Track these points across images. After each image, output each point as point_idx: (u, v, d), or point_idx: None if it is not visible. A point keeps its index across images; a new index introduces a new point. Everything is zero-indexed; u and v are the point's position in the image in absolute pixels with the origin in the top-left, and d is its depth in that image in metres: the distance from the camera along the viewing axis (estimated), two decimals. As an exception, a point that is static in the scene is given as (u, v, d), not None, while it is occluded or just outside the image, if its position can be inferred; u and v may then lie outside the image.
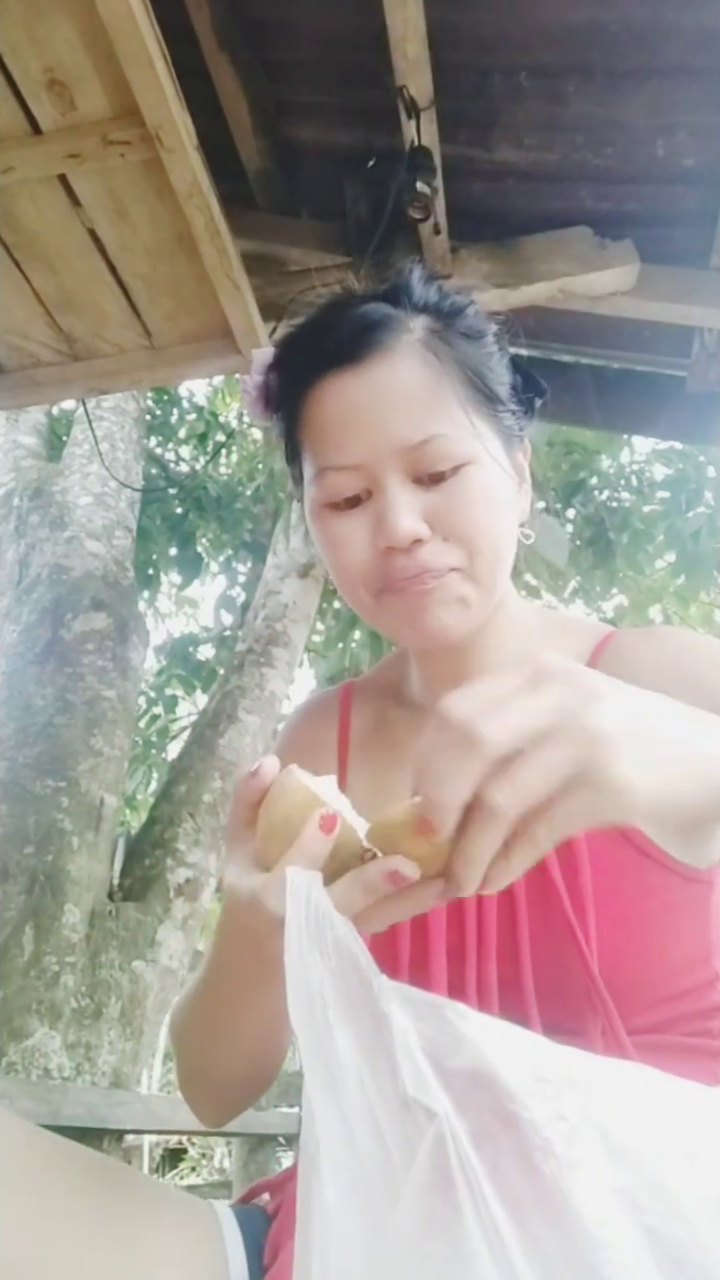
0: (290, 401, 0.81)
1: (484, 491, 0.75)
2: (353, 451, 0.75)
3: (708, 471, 4.96)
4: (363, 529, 0.76)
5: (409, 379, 0.75)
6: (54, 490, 4.23)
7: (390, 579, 0.75)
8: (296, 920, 0.49)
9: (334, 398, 0.76)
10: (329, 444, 0.76)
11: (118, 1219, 0.63)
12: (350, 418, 0.75)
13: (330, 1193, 0.43)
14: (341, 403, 0.76)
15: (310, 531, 0.82)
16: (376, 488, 0.75)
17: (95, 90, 1.55)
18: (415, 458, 0.74)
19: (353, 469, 0.75)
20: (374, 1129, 0.45)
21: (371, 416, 0.74)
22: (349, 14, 1.89)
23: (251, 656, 4.18)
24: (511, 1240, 0.41)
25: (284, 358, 0.83)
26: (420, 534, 0.73)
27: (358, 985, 0.48)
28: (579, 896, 0.71)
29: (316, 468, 0.78)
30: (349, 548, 0.76)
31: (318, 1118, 0.45)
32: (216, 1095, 0.81)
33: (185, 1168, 7.56)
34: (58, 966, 2.95)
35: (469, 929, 0.74)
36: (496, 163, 2.12)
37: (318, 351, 0.78)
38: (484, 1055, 0.45)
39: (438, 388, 0.75)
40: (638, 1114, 0.46)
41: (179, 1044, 0.79)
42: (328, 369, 0.77)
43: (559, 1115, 0.44)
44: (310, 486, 0.79)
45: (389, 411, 0.74)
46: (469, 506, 0.74)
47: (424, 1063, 0.45)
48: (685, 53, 1.80)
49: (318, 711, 0.97)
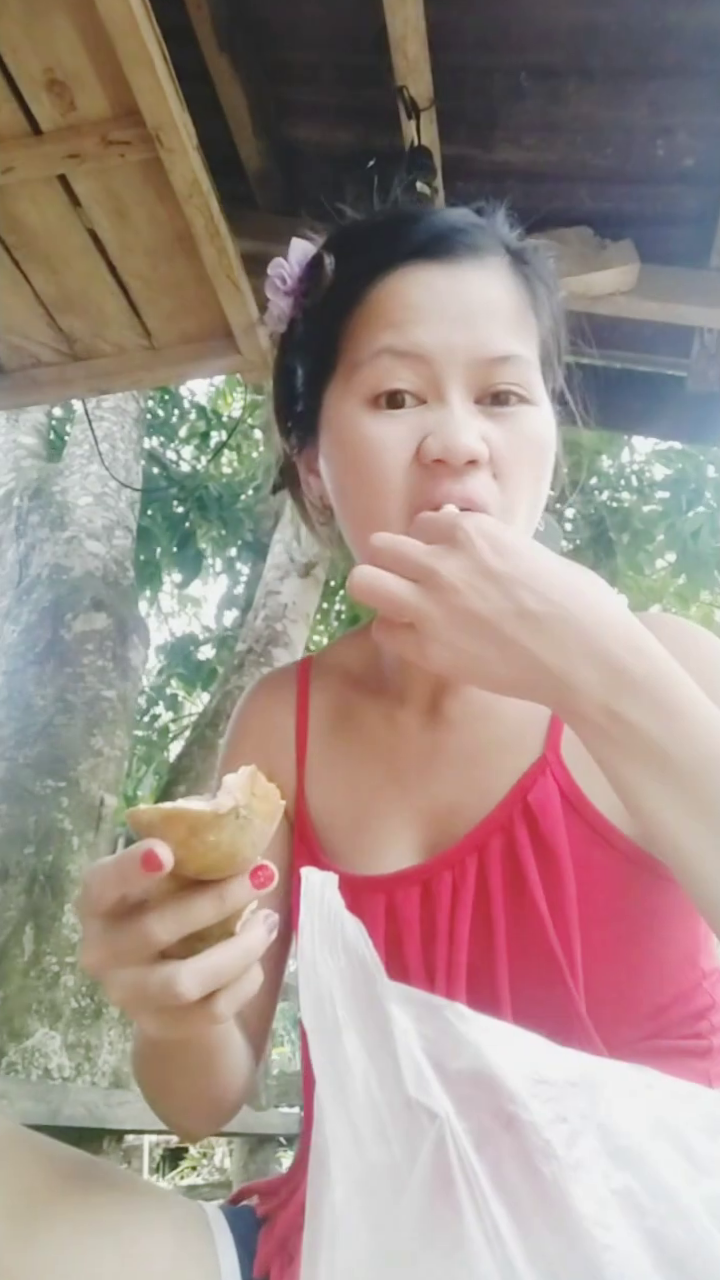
0: (350, 289, 0.71)
1: (541, 439, 0.70)
2: (426, 339, 0.66)
3: (708, 471, 4.96)
4: (408, 434, 0.66)
5: (501, 292, 0.69)
6: (54, 490, 4.23)
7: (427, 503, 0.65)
8: (310, 921, 0.49)
9: (413, 287, 0.68)
10: (395, 327, 0.67)
11: (108, 1220, 0.63)
12: (430, 307, 0.67)
13: (337, 1194, 0.43)
14: (422, 292, 0.67)
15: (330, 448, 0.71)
16: (436, 394, 0.66)
17: (95, 90, 1.54)
18: (488, 373, 0.67)
19: (416, 359, 0.66)
20: (379, 1129, 0.45)
21: (455, 311, 0.67)
22: (349, 14, 1.89)
23: (251, 656, 4.18)
24: (512, 1241, 0.41)
25: (354, 242, 0.74)
26: (480, 454, 0.65)
27: (364, 986, 0.48)
28: (564, 920, 0.67)
29: (370, 351, 0.67)
30: (387, 451, 0.66)
31: (327, 1119, 0.45)
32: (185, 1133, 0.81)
33: (185, 1167, 7.55)
34: (58, 966, 2.95)
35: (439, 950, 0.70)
36: (496, 163, 2.11)
37: (404, 240, 0.70)
38: (485, 1057, 0.45)
39: (524, 315, 0.70)
40: (638, 1115, 0.46)
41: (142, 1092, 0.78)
42: (412, 259, 0.69)
43: (560, 1117, 0.44)
44: (350, 378, 0.69)
45: (475, 313, 0.67)
46: (528, 447, 0.68)
47: (425, 1064, 0.45)
48: (685, 53, 1.80)
49: (273, 693, 0.88)
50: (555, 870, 0.68)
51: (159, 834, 0.47)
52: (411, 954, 0.71)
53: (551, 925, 0.67)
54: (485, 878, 0.70)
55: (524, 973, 0.68)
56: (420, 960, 0.71)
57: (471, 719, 0.78)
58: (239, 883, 0.49)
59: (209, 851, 0.47)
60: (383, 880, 0.74)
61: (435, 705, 0.79)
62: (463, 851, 0.72)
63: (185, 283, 1.88)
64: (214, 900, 0.48)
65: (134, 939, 0.48)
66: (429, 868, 0.73)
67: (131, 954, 0.49)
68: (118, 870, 0.48)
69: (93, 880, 0.49)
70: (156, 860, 0.46)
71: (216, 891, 0.48)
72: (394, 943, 0.72)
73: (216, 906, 0.48)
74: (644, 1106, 0.46)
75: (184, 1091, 0.73)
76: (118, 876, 0.48)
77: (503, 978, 0.68)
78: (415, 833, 0.76)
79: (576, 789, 0.71)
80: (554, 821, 0.69)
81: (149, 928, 0.48)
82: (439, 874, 0.72)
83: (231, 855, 0.48)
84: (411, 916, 0.72)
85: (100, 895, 0.49)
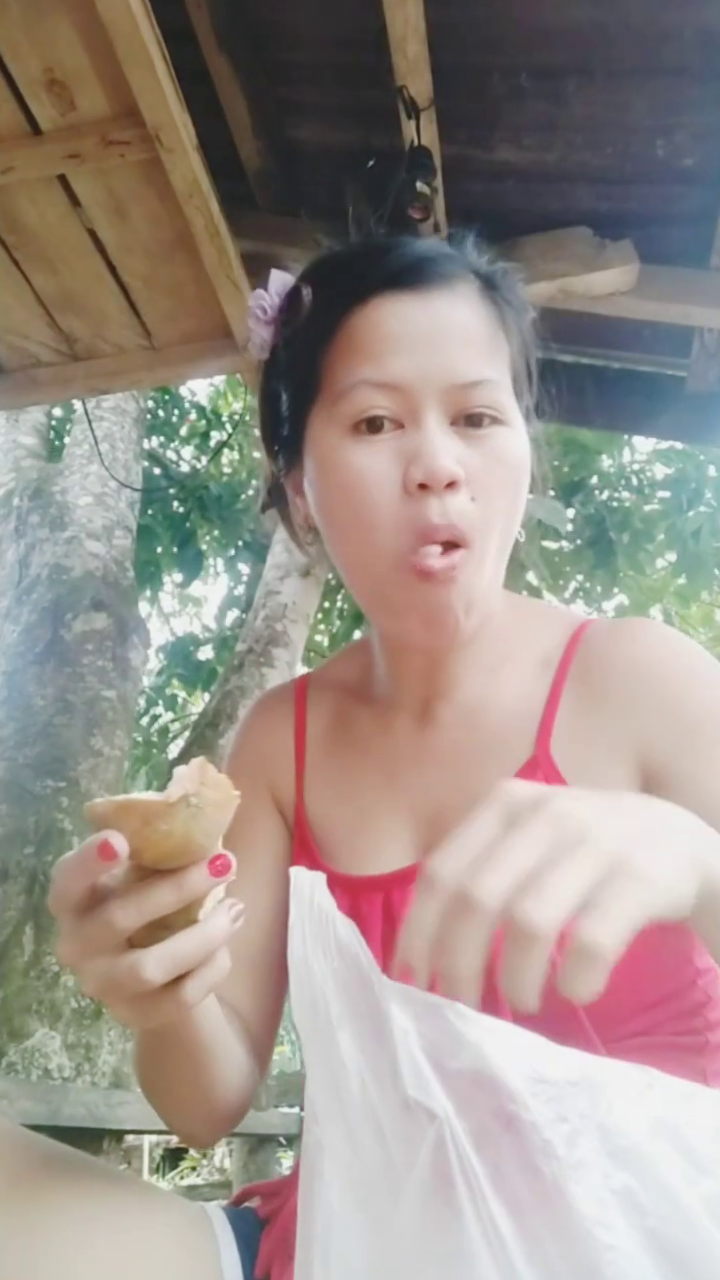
0: (327, 319, 0.74)
1: (515, 458, 0.72)
2: (401, 370, 0.69)
3: (708, 471, 4.96)
4: (390, 463, 0.69)
5: (471, 318, 0.72)
6: (54, 490, 4.23)
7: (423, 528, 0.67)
8: (300, 921, 0.49)
9: (387, 316, 0.70)
10: (371, 358, 0.70)
11: (110, 1222, 0.63)
12: (403, 336, 0.69)
13: (333, 1194, 0.43)
14: (395, 321, 0.70)
15: (315, 474, 0.74)
16: (413, 419, 0.69)
17: (95, 90, 1.55)
18: (461, 397, 0.69)
19: (392, 388, 0.69)
20: (376, 1130, 0.45)
21: (427, 339, 0.69)
22: (349, 14, 1.89)
23: (251, 657, 4.17)
24: (512, 1241, 0.41)
25: (330, 273, 0.77)
26: (458, 476, 0.67)
27: (359, 986, 0.48)
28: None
29: (348, 382, 0.70)
30: (374, 484, 0.69)
31: (321, 1120, 0.45)
32: (188, 1136, 0.81)
33: (185, 1167, 7.55)
34: (58, 966, 2.95)
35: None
36: (496, 163, 2.11)
37: (375, 270, 0.73)
38: (485, 1056, 0.45)
39: (494, 339, 0.72)
40: (638, 1115, 0.46)
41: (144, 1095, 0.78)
42: (385, 288, 0.71)
43: (560, 1116, 0.44)
44: (330, 407, 0.72)
45: (447, 341, 0.69)
46: (500, 466, 0.70)
47: (425, 1064, 0.45)
48: (685, 53, 1.80)
49: (271, 710, 0.91)
50: None
51: (114, 824, 0.49)
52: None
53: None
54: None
55: None
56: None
57: (463, 721, 0.79)
58: (197, 870, 0.51)
59: (162, 840, 0.49)
60: (380, 880, 0.76)
61: (427, 709, 0.81)
62: None
63: (185, 283, 1.88)
64: (173, 888, 0.50)
65: (99, 927, 0.50)
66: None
67: (99, 943, 0.51)
68: (80, 861, 0.50)
69: (59, 874, 0.51)
70: (111, 849, 0.48)
71: (175, 880, 0.50)
72: (392, 939, 0.73)
73: (175, 893, 0.50)
74: (644, 1106, 0.46)
75: (182, 1094, 0.74)
76: (80, 867, 0.50)
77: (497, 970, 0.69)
78: (411, 833, 0.78)
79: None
80: None
81: (112, 915, 0.50)
82: None
83: (185, 843, 0.50)
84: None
85: (68, 888, 0.51)
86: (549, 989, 0.67)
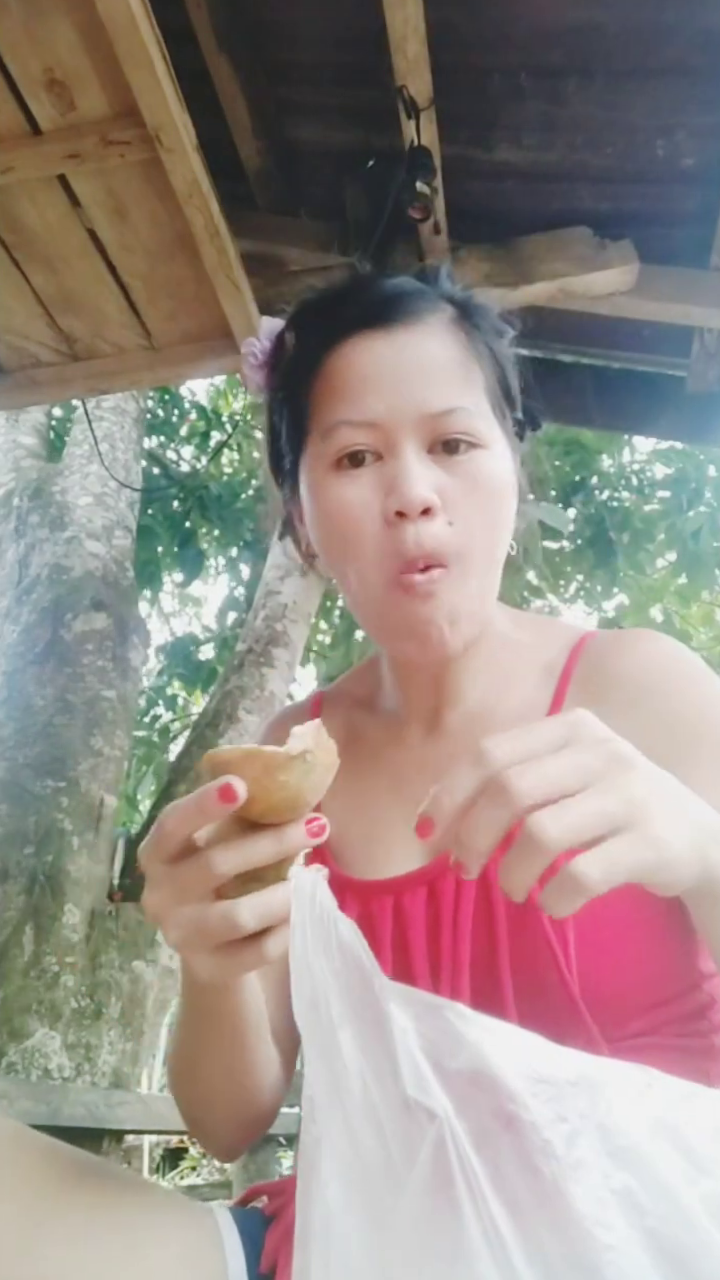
0: (308, 361, 0.78)
1: (494, 480, 0.74)
2: (373, 407, 0.73)
3: (708, 471, 4.97)
4: (371, 494, 0.73)
5: (439, 350, 0.75)
6: (54, 490, 4.24)
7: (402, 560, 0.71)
8: (301, 920, 0.49)
9: (360, 356, 0.75)
10: (348, 399, 0.74)
11: (115, 1221, 0.63)
12: (375, 376, 0.73)
13: (332, 1192, 0.43)
14: (367, 361, 0.74)
15: (309, 506, 0.78)
16: (390, 451, 0.73)
17: (95, 90, 1.55)
18: (435, 425, 0.72)
19: (369, 426, 0.73)
20: (376, 1129, 0.45)
21: (397, 376, 0.73)
22: (349, 14, 1.89)
23: (251, 657, 4.17)
24: (512, 1241, 0.41)
25: (307, 318, 0.81)
26: (433, 502, 0.71)
27: (360, 985, 0.48)
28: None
29: (329, 423, 0.75)
30: (356, 515, 0.73)
31: (319, 1118, 0.45)
32: (214, 1139, 0.81)
33: (185, 1167, 7.55)
34: (58, 967, 2.96)
35: (444, 944, 0.73)
36: (496, 163, 2.12)
37: (347, 312, 0.77)
38: (484, 1056, 0.45)
39: (466, 366, 0.75)
40: (638, 1115, 0.46)
41: (173, 1093, 0.79)
42: (357, 329, 0.75)
43: (559, 1116, 0.44)
44: (317, 445, 0.76)
45: (416, 375, 0.73)
46: (478, 490, 0.73)
47: (424, 1063, 0.45)
48: (685, 53, 1.80)
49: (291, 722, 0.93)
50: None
51: (236, 771, 0.51)
52: (417, 949, 0.74)
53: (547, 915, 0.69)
54: (485, 874, 0.73)
55: (523, 962, 0.70)
56: (425, 954, 0.74)
57: (470, 730, 0.82)
58: (296, 827, 0.54)
59: (277, 791, 0.52)
60: (391, 883, 0.77)
61: (436, 720, 0.84)
62: None
63: (185, 283, 1.88)
64: (273, 840, 0.54)
65: (198, 870, 0.53)
66: (433, 868, 0.76)
67: (193, 888, 0.54)
68: (197, 803, 0.52)
69: (167, 818, 0.54)
70: (232, 792, 0.51)
71: (276, 833, 0.54)
72: (401, 939, 0.75)
73: (275, 846, 0.54)
74: (644, 1106, 0.46)
75: (218, 1084, 0.74)
76: (196, 809, 0.52)
77: (504, 968, 0.70)
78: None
79: None
80: None
81: (212, 859, 0.53)
82: (443, 874, 0.75)
83: (295, 797, 0.53)
84: (418, 914, 0.75)
85: (175, 830, 0.54)
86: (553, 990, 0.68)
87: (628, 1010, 0.70)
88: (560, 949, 0.69)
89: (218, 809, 0.51)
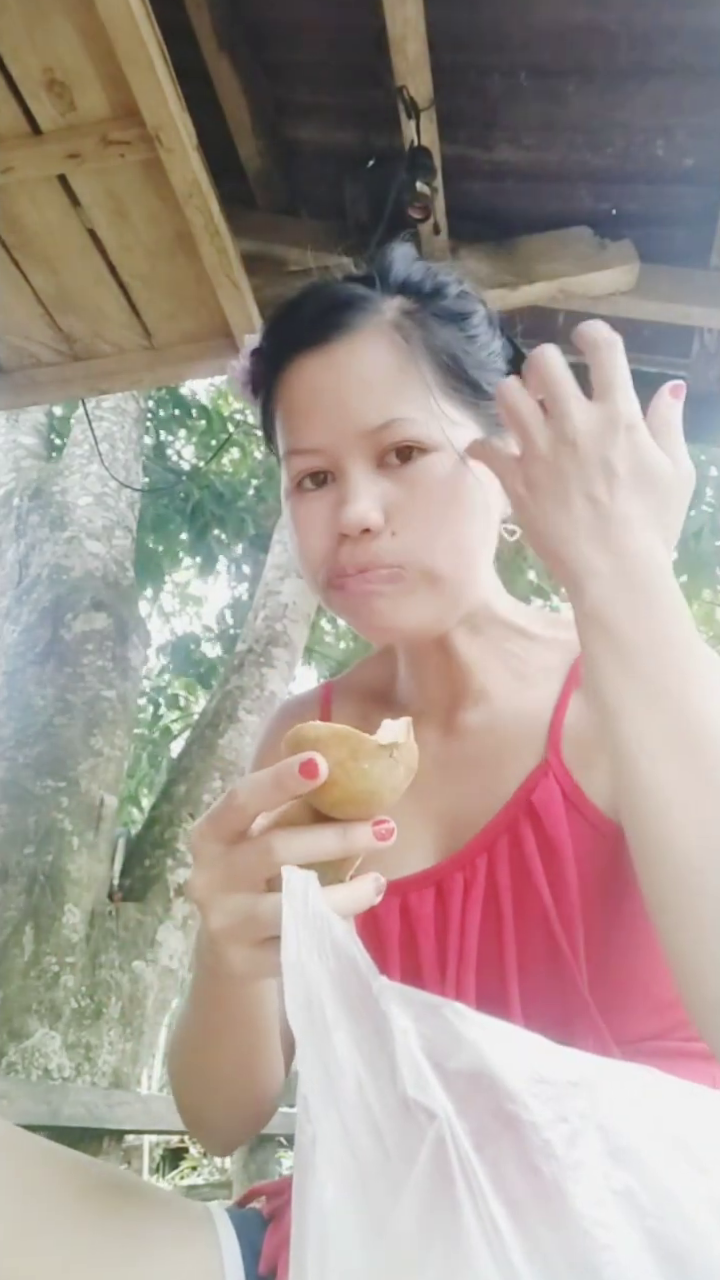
0: (266, 386, 0.80)
1: (446, 483, 0.73)
2: (314, 434, 0.74)
3: (708, 471, 4.96)
4: (324, 512, 0.74)
5: (373, 361, 0.74)
6: (54, 490, 4.24)
7: (336, 569, 0.73)
8: (294, 921, 0.49)
9: (300, 380, 0.75)
10: (294, 427, 0.76)
11: (112, 1222, 0.63)
12: (313, 400, 0.74)
13: (329, 1193, 0.43)
14: (306, 385, 0.75)
15: (286, 518, 0.81)
16: (338, 471, 0.74)
17: (95, 90, 1.55)
18: (377, 439, 0.72)
19: (315, 452, 0.74)
20: (373, 1129, 0.45)
21: (333, 398, 0.73)
22: (349, 14, 1.89)
23: (251, 656, 4.18)
24: (512, 1241, 0.41)
25: (264, 339, 0.82)
26: (370, 523, 0.71)
27: (356, 986, 0.48)
28: (567, 913, 0.70)
29: (284, 450, 0.77)
30: (309, 531, 0.75)
31: (313, 1118, 0.45)
32: (213, 1134, 0.81)
33: (186, 1167, 7.56)
34: (58, 967, 2.96)
35: (451, 944, 0.73)
36: (496, 162, 2.12)
37: (288, 334, 0.78)
38: (484, 1056, 0.45)
39: (403, 371, 0.74)
40: (639, 1115, 0.46)
41: (173, 1085, 0.78)
42: (296, 351, 0.76)
43: (560, 1116, 0.44)
44: (285, 464, 0.78)
45: (349, 394, 0.73)
46: (427, 498, 0.72)
47: (424, 1063, 0.45)
48: (685, 53, 1.80)
49: (296, 716, 0.93)
50: (558, 864, 0.71)
51: (322, 749, 0.49)
52: (426, 948, 0.75)
53: (555, 914, 0.70)
54: (494, 874, 0.74)
55: (530, 961, 0.71)
56: (434, 953, 0.75)
57: (481, 728, 0.82)
58: (364, 826, 0.51)
59: (360, 779, 0.49)
60: (399, 883, 0.77)
61: (450, 717, 0.83)
62: (473, 851, 0.76)
63: (185, 283, 1.88)
64: (338, 836, 0.51)
65: (256, 855, 0.50)
66: (442, 869, 0.77)
67: (245, 875, 0.51)
68: (273, 778, 0.50)
69: (238, 791, 0.51)
70: (315, 768, 0.48)
71: (341, 829, 0.51)
72: (409, 939, 0.76)
73: (339, 842, 0.51)
74: (645, 1106, 0.46)
75: (226, 1075, 0.73)
76: (272, 783, 0.50)
77: (511, 966, 0.71)
78: (430, 837, 0.80)
79: (577, 789, 0.74)
80: (557, 820, 0.73)
81: (273, 844, 0.50)
82: (451, 874, 0.76)
83: (374, 792, 0.50)
84: (426, 914, 0.76)
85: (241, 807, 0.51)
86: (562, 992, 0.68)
87: (638, 1008, 0.71)
88: (569, 946, 0.69)
89: (297, 784, 0.49)
